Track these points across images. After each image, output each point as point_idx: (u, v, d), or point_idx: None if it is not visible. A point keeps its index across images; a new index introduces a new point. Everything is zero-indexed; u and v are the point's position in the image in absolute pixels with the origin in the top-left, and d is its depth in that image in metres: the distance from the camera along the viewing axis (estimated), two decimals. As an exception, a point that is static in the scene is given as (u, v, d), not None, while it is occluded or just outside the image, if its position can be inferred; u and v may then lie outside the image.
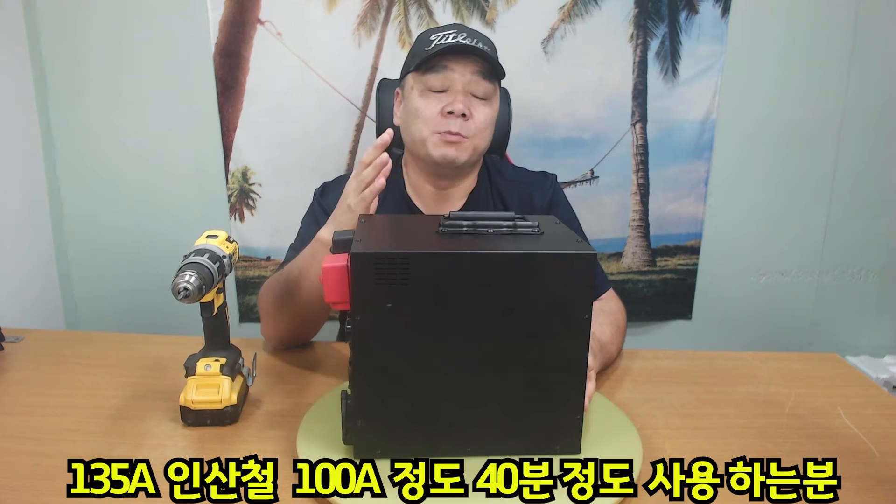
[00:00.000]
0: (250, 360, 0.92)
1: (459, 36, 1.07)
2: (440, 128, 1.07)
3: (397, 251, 0.69)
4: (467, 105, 1.07)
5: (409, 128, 1.11)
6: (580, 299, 0.71)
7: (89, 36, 1.66)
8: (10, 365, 1.04)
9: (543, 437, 0.75)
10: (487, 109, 1.10)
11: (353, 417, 0.73)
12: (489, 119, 1.11)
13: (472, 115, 1.07)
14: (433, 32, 1.10)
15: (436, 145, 1.08)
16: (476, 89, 1.08)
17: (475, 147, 1.10)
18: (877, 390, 1.00)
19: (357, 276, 0.69)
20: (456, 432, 0.74)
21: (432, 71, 1.07)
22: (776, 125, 1.80)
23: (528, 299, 0.70)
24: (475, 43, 1.06)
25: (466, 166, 1.13)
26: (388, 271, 0.68)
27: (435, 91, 1.08)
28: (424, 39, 1.10)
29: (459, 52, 1.06)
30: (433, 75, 1.07)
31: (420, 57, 1.08)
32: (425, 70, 1.08)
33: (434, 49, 1.06)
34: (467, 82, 1.07)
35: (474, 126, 1.08)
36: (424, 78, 1.08)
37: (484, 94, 1.09)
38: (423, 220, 0.87)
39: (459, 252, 0.70)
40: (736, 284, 1.93)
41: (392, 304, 0.69)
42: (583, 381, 0.74)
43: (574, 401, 0.75)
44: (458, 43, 1.05)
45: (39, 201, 1.74)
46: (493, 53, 1.10)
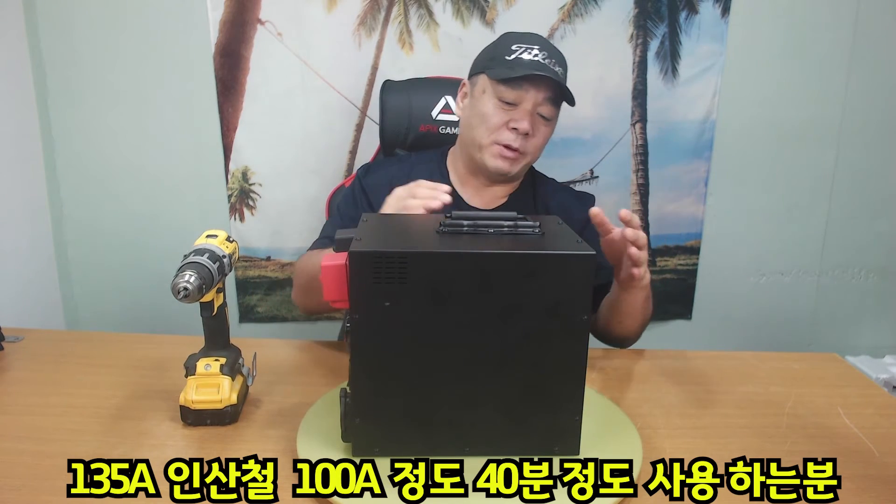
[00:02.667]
0: (250, 360, 0.92)
1: (541, 54, 1.09)
2: (501, 139, 1.11)
3: (395, 250, 0.69)
4: (532, 124, 1.10)
5: (472, 129, 1.14)
6: (579, 300, 0.71)
7: (89, 36, 1.66)
8: (10, 365, 1.04)
9: (542, 438, 0.75)
10: (548, 130, 1.14)
11: (352, 416, 0.73)
12: (546, 138, 1.15)
13: (533, 135, 1.11)
14: (515, 41, 1.11)
15: (493, 156, 1.12)
16: (543, 111, 1.11)
17: (528, 161, 1.15)
18: (877, 390, 1.00)
19: (355, 275, 0.69)
20: (454, 432, 0.74)
21: (508, 85, 1.09)
22: (776, 125, 1.80)
23: (527, 300, 0.70)
24: (553, 66, 1.09)
25: (514, 178, 1.18)
26: (385, 270, 0.69)
27: (506, 102, 1.10)
28: (506, 45, 1.11)
29: (539, 77, 1.08)
30: (509, 90, 1.09)
31: (500, 65, 1.09)
32: (502, 81, 1.09)
33: (516, 65, 1.07)
34: (538, 103, 1.10)
35: (532, 144, 1.12)
36: (499, 88, 1.10)
37: (550, 115, 1.12)
38: (424, 219, 0.87)
39: (457, 251, 0.70)
40: (736, 284, 1.93)
41: (390, 303, 0.70)
42: (581, 382, 0.74)
43: (573, 402, 0.74)
44: (540, 65, 1.07)
45: (39, 201, 1.74)
46: (565, 75, 1.13)
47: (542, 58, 1.08)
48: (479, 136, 1.12)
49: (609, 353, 1.10)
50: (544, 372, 0.73)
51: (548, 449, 0.75)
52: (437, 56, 1.67)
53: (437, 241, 0.74)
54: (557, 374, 0.73)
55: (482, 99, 1.12)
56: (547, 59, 1.09)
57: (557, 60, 1.11)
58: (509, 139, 1.10)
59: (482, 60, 1.15)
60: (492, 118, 1.10)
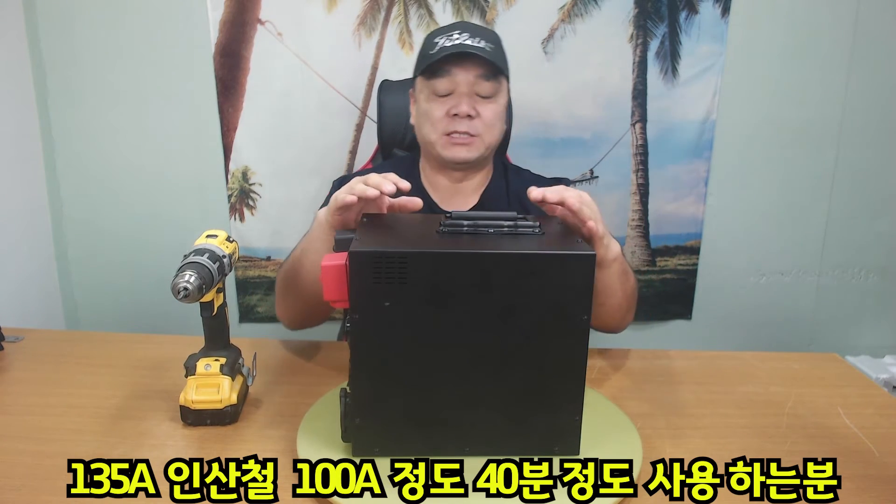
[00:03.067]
0: (250, 360, 0.92)
1: (462, 36, 1.08)
2: (448, 129, 1.10)
3: (395, 250, 0.69)
4: (472, 106, 1.10)
5: (421, 130, 1.15)
6: (579, 300, 0.70)
7: (89, 36, 1.66)
8: (10, 365, 1.04)
9: (542, 438, 0.75)
10: (493, 105, 1.12)
11: (352, 416, 0.73)
12: (496, 115, 1.13)
13: (478, 115, 1.10)
14: (438, 34, 1.12)
15: (445, 146, 1.12)
16: (480, 90, 1.10)
17: (485, 143, 1.13)
18: (877, 390, 1.00)
19: (355, 275, 0.69)
20: (454, 432, 0.74)
21: (437, 76, 1.09)
22: (776, 125, 1.80)
23: (527, 299, 0.70)
24: (478, 42, 1.08)
25: (479, 162, 1.17)
26: (385, 270, 0.69)
27: (441, 95, 1.10)
28: (429, 42, 1.12)
29: (463, 56, 1.08)
30: (438, 80, 1.10)
31: (426, 61, 1.10)
32: (431, 75, 1.10)
33: (438, 53, 1.08)
34: (471, 84, 1.09)
35: (481, 124, 1.11)
36: (430, 83, 1.11)
37: (488, 93, 1.11)
38: (424, 219, 0.87)
39: (457, 251, 0.70)
40: (736, 284, 1.93)
41: (390, 303, 0.70)
42: (582, 382, 0.74)
43: (573, 402, 0.74)
44: (460, 45, 1.07)
45: (39, 201, 1.74)
46: (496, 50, 1.12)
47: (465, 39, 1.08)
48: (428, 133, 1.13)
49: (609, 353, 1.10)
50: (544, 372, 0.73)
51: (548, 449, 0.75)
52: (437, 56, 1.67)
53: (437, 240, 0.74)
54: (558, 374, 0.73)
55: (421, 99, 1.13)
56: (470, 39, 1.08)
57: (484, 37, 1.10)
58: (455, 126, 1.10)
59: (416, 65, 1.16)
60: (433, 113, 1.11)
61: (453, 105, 1.10)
